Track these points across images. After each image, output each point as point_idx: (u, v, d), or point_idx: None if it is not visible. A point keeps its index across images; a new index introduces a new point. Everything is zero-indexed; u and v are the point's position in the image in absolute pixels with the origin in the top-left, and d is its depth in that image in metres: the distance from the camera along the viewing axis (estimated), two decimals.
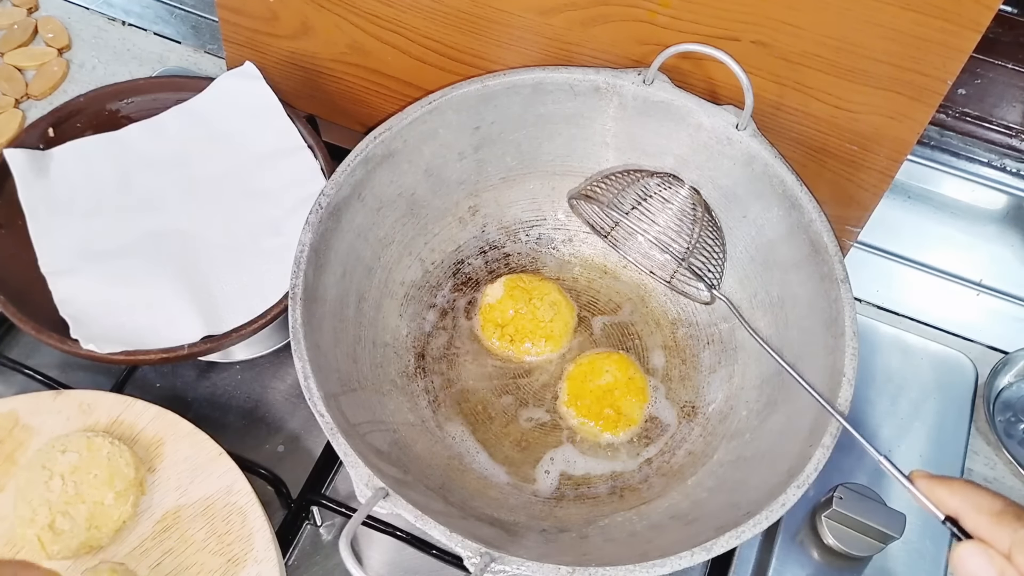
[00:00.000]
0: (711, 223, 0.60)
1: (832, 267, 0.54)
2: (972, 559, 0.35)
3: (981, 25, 0.50)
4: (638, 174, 0.62)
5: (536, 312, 0.63)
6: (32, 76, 0.80)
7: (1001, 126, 0.74)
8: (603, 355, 0.62)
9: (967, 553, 0.35)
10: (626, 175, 0.62)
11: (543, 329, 0.62)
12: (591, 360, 0.61)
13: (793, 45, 0.55)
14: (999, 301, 0.72)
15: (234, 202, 0.65)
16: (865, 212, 0.63)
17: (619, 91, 0.60)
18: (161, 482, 0.55)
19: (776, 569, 0.59)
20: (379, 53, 0.67)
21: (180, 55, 0.83)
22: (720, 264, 0.61)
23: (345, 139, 0.71)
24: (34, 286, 0.59)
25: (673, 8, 0.57)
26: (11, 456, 0.55)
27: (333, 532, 0.60)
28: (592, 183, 0.63)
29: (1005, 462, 0.64)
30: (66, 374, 0.63)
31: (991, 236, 0.76)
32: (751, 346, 0.60)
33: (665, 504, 0.55)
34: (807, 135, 0.60)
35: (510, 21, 0.61)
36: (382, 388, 0.58)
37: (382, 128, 0.58)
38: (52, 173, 0.64)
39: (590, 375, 0.61)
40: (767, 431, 0.55)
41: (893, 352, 0.69)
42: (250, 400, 0.64)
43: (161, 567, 0.52)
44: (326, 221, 0.55)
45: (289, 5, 0.66)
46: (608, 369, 0.60)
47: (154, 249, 0.62)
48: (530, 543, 0.51)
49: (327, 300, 0.55)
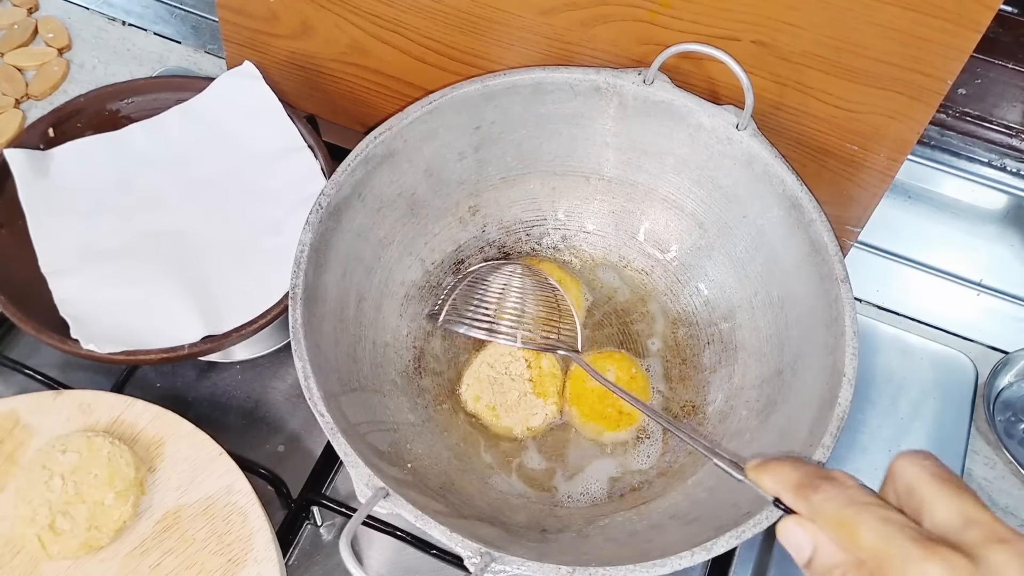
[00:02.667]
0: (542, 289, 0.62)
1: (832, 267, 0.54)
2: (791, 533, 0.37)
3: (981, 25, 0.50)
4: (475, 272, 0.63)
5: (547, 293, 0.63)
6: (32, 76, 0.80)
7: (1001, 126, 0.74)
8: (604, 354, 0.62)
9: (785, 529, 0.37)
10: (465, 280, 0.63)
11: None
12: (592, 360, 0.61)
13: (793, 45, 0.55)
14: (999, 301, 0.72)
15: (234, 202, 0.65)
16: (865, 212, 0.63)
17: (619, 91, 0.60)
18: (161, 482, 0.55)
19: (776, 569, 0.59)
20: (379, 53, 0.67)
21: (180, 55, 0.83)
22: (563, 323, 0.61)
23: (345, 139, 0.71)
24: (34, 286, 0.59)
25: (673, 8, 0.57)
26: (11, 456, 0.55)
27: (333, 532, 0.60)
28: (446, 305, 0.62)
29: (1005, 462, 0.64)
30: (66, 374, 0.63)
31: (991, 236, 0.76)
32: (751, 346, 0.60)
33: (665, 504, 0.55)
34: (807, 135, 0.60)
35: (510, 21, 0.61)
36: (382, 388, 0.58)
37: (382, 128, 0.58)
38: (52, 173, 0.64)
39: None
40: (767, 431, 0.55)
41: (893, 352, 0.69)
42: (250, 400, 0.64)
43: (161, 567, 0.52)
44: (326, 221, 0.55)
45: (289, 5, 0.66)
46: (609, 368, 0.60)
47: (154, 249, 0.62)
48: (530, 543, 0.51)
49: (327, 300, 0.55)
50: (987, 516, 0.33)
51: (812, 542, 0.36)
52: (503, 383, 0.60)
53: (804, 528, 0.36)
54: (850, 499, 0.35)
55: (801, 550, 0.36)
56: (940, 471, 0.35)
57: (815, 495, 0.36)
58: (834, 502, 0.35)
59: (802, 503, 0.37)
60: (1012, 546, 0.32)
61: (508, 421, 0.59)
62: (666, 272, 0.66)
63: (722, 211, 0.62)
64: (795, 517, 0.37)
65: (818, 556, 0.36)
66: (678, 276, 0.65)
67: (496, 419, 0.59)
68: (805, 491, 0.37)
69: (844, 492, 0.36)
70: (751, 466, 0.41)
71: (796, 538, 0.36)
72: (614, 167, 0.65)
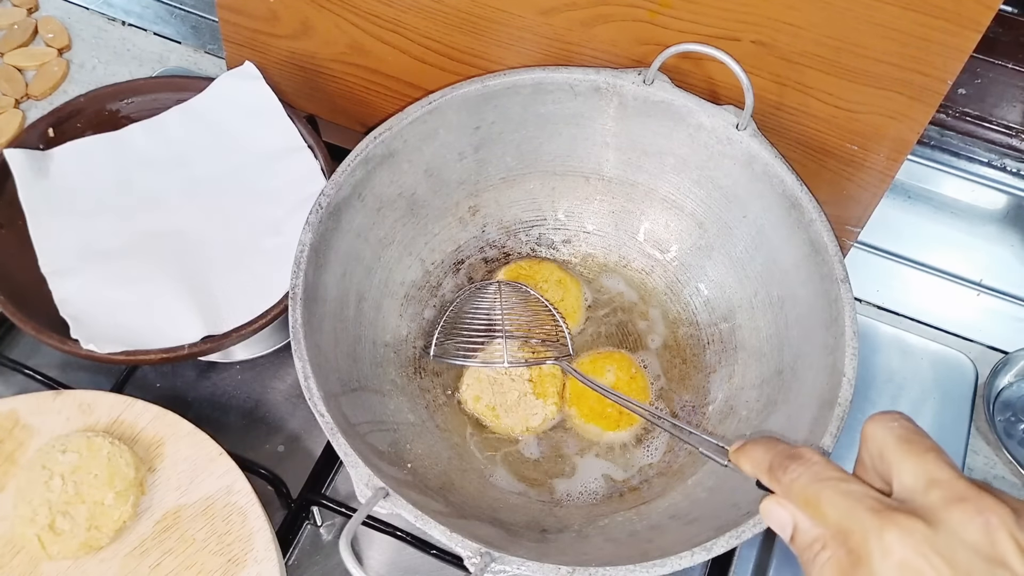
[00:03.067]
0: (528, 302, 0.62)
1: (832, 267, 0.54)
2: (771, 512, 0.37)
3: (981, 25, 0.50)
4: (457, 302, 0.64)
5: (545, 295, 0.63)
6: (32, 76, 0.80)
7: (1001, 126, 0.74)
8: (603, 355, 0.62)
9: (766, 508, 0.38)
10: (449, 310, 0.63)
11: (559, 309, 0.63)
12: (592, 360, 0.62)
13: (793, 45, 0.55)
14: (999, 301, 0.72)
15: (234, 202, 0.65)
16: (865, 212, 0.63)
17: (619, 91, 0.60)
18: (161, 482, 0.55)
19: (776, 569, 0.59)
20: (379, 53, 0.67)
21: (180, 55, 0.83)
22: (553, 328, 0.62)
23: (345, 139, 0.71)
24: (34, 286, 0.59)
25: (673, 8, 0.57)
26: (11, 456, 0.55)
27: (333, 532, 0.60)
28: (433, 340, 0.62)
29: (1005, 462, 0.64)
30: (66, 374, 0.63)
31: (991, 236, 0.76)
32: (751, 346, 0.60)
33: (665, 504, 0.55)
34: (807, 135, 0.60)
35: (510, 21, 0.61)
36: (382, 388, 0.58)
37: (382, 128, 0.58)
38: (52, 173, 0.64)
39: (591, 375, 0.61)
40: (767, 431, 0.55)
41: (893, 352, 0.69)
42: (250, 400, 0.64)
43: (161, 567, 0.52)
44: (326, 221, 0.55)
45: (289, 5, 0.66)
46: (609, 368, 0.60)
47: (154, 249, 0.62)
48: (530, 543, 0.51)
49: (327, 300, 0.55)
50: (949, 474, 0.33)
51: (792, 520, 0.36)
52: (503, 383, 0.60)
53: (783, 507, 0.37)
54: (814, 476, 0.36)
55: (783, 528, 0.37)
56: (905, 433, 0.35)
57: (784, 475, 0.37)
58: (800, 480, 0.36)
59: (775, 484, 0.38)
60: (971, 504, 0.32)
61: (508, 421, 0.59)
62: (666, 272, 0.66)
63: (722, 211, 0.62)
64: (774, 497, 0.38)
65: (798, 533, 0.36)
66: (678, 276, 0.65)
67: (496, 419, 0.59)
68: (776, 472, 0.38)
69: (809, 469, 0.36)
70: (732, 450, 0.42)
71: (777, 516, 0.37)
72: (614, 167, 0.65)
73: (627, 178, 0.65)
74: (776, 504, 0.37)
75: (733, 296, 0.62)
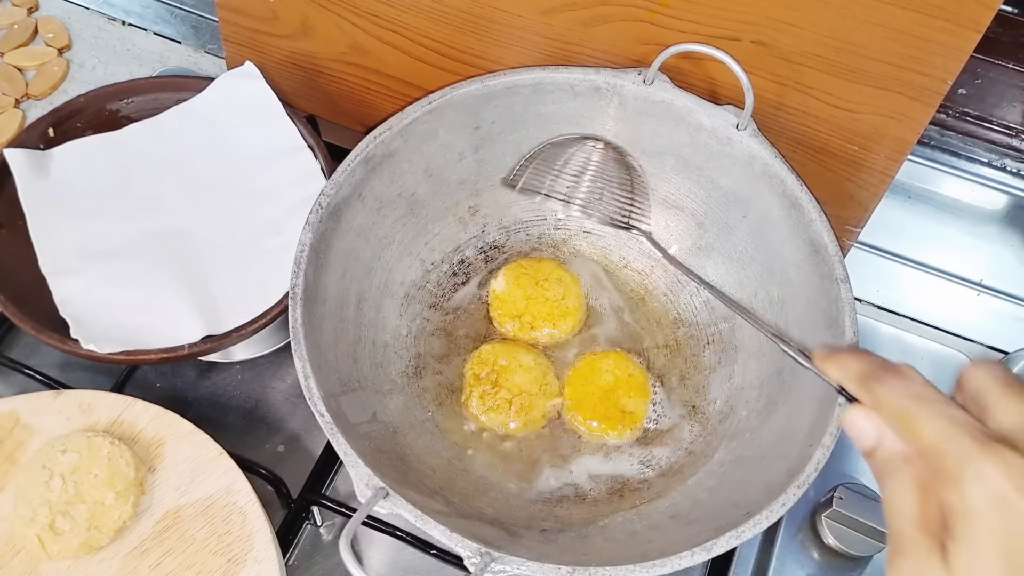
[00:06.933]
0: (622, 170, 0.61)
1: (832, 267, 0.54)
2: (854, 422, 0.37)
3: (981, 25, 0.50)
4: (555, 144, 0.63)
5: (546, 293, 0.63)
6: (32, 76, 0.80)
7: (1001, 126, 0.74)
8: (601, 355, 0.62)
9: (850, 417, 0.37)
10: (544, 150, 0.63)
11: (559, 308, 0.63)
12: (589, 361, 0.62)
13: (793, 45, 0.55)
14: (999, 301, 0.72)
15: (234, 202, 0.65)
16: (865, 212, 0.63)
17: (619, 91, 0.60)
18: (161, 482, 0.55)
19: (776, 569, 0.59)
20: (379, 53, 0.67)
21: (180, 55, 0.83)
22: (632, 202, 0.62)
23: (345, 139, 0.71)
24: (34, 286, 0.59)
25: (673, 8, 0.57)
26: (11, 456, 0.55)
27: (333, 532, 0.60)
28: (526, 170, 0.62)
29: None
30: (66, 374, 0.63)
31: (991, 236, 0.76)
32: (751, 346, 0.60)
33: (665, 504, 0.55)
34: (807, 135, 0.60)
35: (510, 21, 0.61)
36: (382, 388, 0.58)
37: (382, 128, 0.58)
38: (52, 173, 0.64)
39: (590, 376, 0.61)
40: (767, 431, 0.55)
41: (893, 352, 0.69)
42: (250, 400, 0.64)
43: (161, 567, 0.52)
44: (326, 221, 0.55)
45: (289, 5, 0.66)
46: (607, 368, 0.60)
47: (154, 249, 0.62)
48: (530, 543, 0.51)
49: (327, 300, 0.55)
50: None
51: (876, 432, 0.36)
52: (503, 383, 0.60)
53: (869, 418, 0.36)
54: (913, 393, 0.35)
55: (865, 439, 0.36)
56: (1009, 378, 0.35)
57: (878, 386, 0.36)
58: (896, 393, 0.35)
59: (865, 393, 0.37)
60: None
61: (508, 421, 0.59)
62: (666, 272, 0.66)
63: (722, 211, 0.62)
64: (860, 406, 0.37)
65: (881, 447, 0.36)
66: (678, 276, 0.65)
67: (496, 419, 0.59)
68: (869, 382, 0.37)
69: (908, 385, 0.35)
70: (818, 355, 0.41)
71: (859, 426, 0.36)
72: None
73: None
74: (863, 414, 0.36)
75: (733, 296, 0.62)
